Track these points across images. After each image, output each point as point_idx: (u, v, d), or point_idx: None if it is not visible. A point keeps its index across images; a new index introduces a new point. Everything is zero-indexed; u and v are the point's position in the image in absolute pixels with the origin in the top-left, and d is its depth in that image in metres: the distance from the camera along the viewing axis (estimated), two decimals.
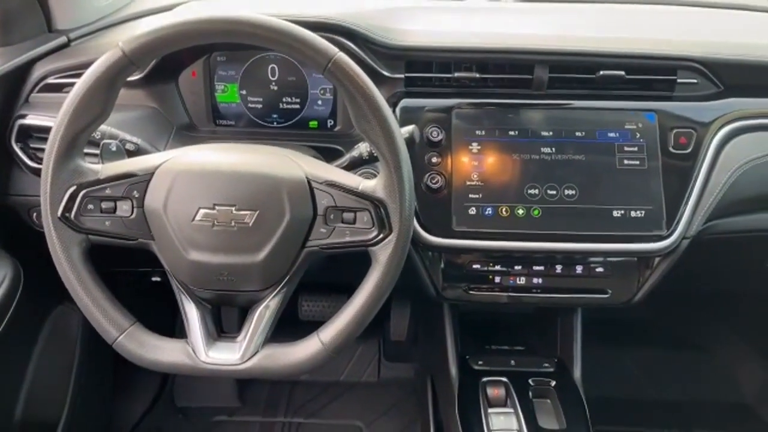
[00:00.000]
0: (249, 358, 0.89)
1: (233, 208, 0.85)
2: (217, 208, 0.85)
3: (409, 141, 0.98)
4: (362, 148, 1.00)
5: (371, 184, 0.88)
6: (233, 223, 0.85)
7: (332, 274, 1.17)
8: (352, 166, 1.01)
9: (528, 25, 1.28)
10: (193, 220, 0.85)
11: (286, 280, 0.91)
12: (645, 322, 1.94)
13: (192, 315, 0.91)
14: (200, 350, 0.89)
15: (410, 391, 1.86)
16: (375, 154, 0.90)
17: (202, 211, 0.85)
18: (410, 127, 0.99)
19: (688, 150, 1.11)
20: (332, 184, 0.88)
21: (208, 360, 0.89)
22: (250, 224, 0.86)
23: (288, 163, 0.89)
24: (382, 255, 0.87)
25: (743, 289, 1.54)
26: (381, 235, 0.87)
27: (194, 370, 0.89)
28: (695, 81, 1.15)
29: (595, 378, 1.77)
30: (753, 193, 1.13)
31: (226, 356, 0.89)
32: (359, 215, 0.88)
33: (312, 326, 0.92)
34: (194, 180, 0.86)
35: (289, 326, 1.15)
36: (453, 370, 1.23)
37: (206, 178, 0.86)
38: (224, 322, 0.98)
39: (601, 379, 1.81)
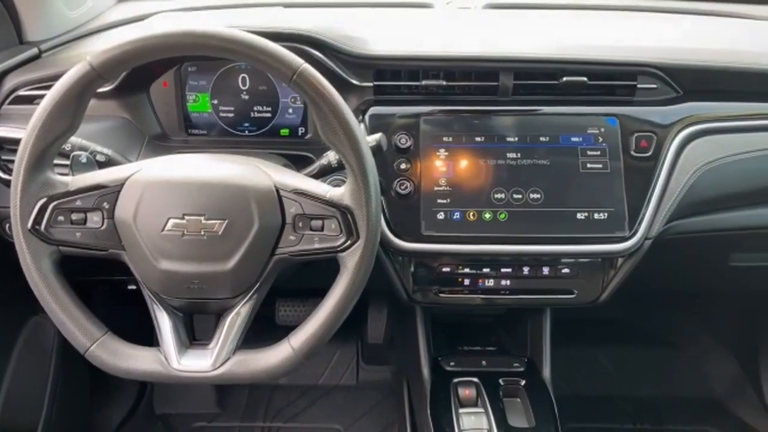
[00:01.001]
0: (221, 365, 0.91)
1: (202, 218, 0.87)
2: (186, 217, 0.87)
3: (377, 149, 1.01)
4: (331, 156, 1.02)
5: (338, 192, 0.90)
6: (203, 232, 0.87)
7: (309, 279, 1.19)
8: (321, 174, 1.03)
9: (494, 33, 1.31)
10: (163, 230, 0.87)
11: (256, 287, 0.92)
12: (617, 320, 1.98)
13: (164, 323, 0.93)
14: (172, 358, 0.91)
15: (388, 394, 1.88)
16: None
17: (171, 221, 0.87)
18: (377, 135, 1.01)
19: (649, 153, 1.14)
20: (300, 192, 0.90)
21: (181, 367, 0.90)
22: (220, 233, 0.87)
23: (256, 172, 0.91)
24: (350, 261, 0.90)
25: (709, 287, 1.58)
26: (349, 242, 0.89)
27: (167, 378, 0.91)
28: (655, 86, 1.18)
29: (568, 376, 1.82)
30: (712, 194, 1.16)
31: (198, 363, 0.91)
32: (327, 222, 0.90)
33: (289, 331, 0.94)
34: (163, 190, 0.88)
35: (266, 331, 1.17)
36: (425, 371, 1.26)
37: (175, 188, 0.88)
38: (199, 329, 1.00)
39: (575, 377, 1.86)
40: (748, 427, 1.82)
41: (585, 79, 1.16)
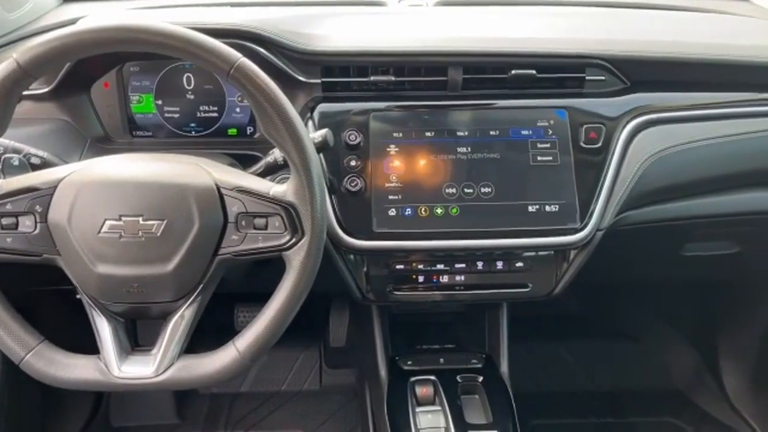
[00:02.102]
0: (164, 371, 0.88)
1: (140, 219, 0.84)
2: (123, 219, 0.84)
3: (323, 144, 0.99)
4: (277, 154, 1.00)
5: (282, 189, 0.88)
6: (141, 234, 0.84)
7: (267, 283, 1.16)
8: (268, 172, 1.01)
9: (444, 28, 1.30)
10: (99, 233, 0.84)
11: (199, 289, 0.89)
12: (577, 315, 1.99)
13: (104, 329, 0.89)
14: (113, 365, 0.87)
15: (352, 398, 1.85)
16: None
17: (108, 223, 0.84)
18: (323, 131, 0.99)
19: (599, 144, 1.14)
20: (242, 190, 0.88)
21: (121, 375, 0.87)
22: (159, 234, 0.84)
23: (196, 171, 0.88)
24: (296, 259, 0.87)
25: (664, 277, 1.60)
26: (293, 239, 0.87)
27: (107, 386, 0.87)
28: (603, 78, 1.18)
29: (530, 373, 1.82)
30: (661, 183, 1.17)
31: (139, 370, 0.88)
32: (271, 220, 0.88)
33: None
34: (99, 191, 0.85)
35: (226, 337, 1.14)
36: (382, 371, 1.24)
37: (111, 189, 0.85)
38: (147, 335, 0.96)
39: (536, 374, 1.86)
40: (708, 416, 1.84)
41: (534, 72, 1.15)
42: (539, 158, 1.13)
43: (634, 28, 1.34)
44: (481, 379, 1.21)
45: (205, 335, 1.06)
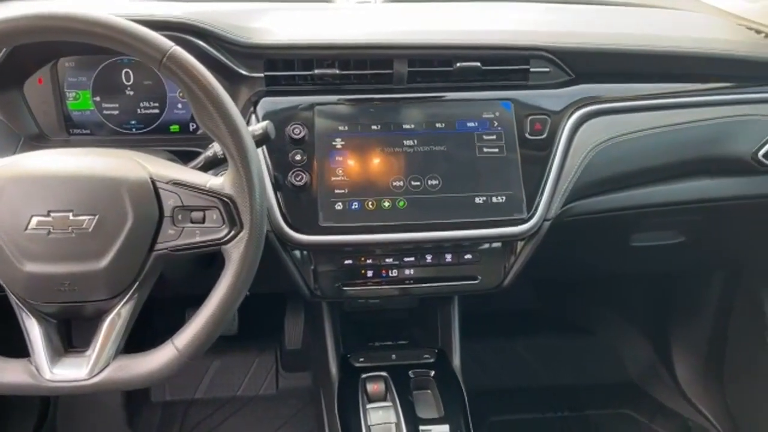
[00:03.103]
0: (98, 372, 0.84)
1: (70, 214, 0.81)
2: (52, 214, 0.80)
3: (264, 137, 0.97)
4: (216, 148, 0.98)
5: (219, 182, 0.86)
6: (71, 230, 0.81)
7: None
8: (208, 167, 0.99)
9: (390, 23, 1.29)
10: (26, 229, 0.80)
11: (136, 286, 0.86)
12: (533, 311, 2.00)
13: (33, 331, 0.85)
14: (44, 368, 0.83)
15: (308, 401, 1.82)
16: None
17: (35, 219, 0.80)
18: (264, 123, 0.97)
19: (544, 135, 1.15)
20: (178, 183, 0.85)
21: (53, 377, 0.83)
22: (90, 230, 0.81)
23: (130, 164, 0.85)
24: (235, 253, 0.85)
25: (614, 269, 1.62)
26: (232, 233, 0.85)
27: (37, 390, 0.83)
28: (547, 70, 1.19)
29: (487, 370, 1.82)
30: (606, 173, 1.18)
31: (72, 372, 0.84)
32: (208, 214, 0.85)
33: None
34: (25, 187, 0.81)
35: None
36: (333, 369, 1.22)
37: (38, 183, 0.81)
38: (83, 336, 0.92)
39: (494, 370, 1.86)
40: (663, 407, 1.87)
41: (478, 64, 1.15)
42: (485, 150, 1.12)
43: (578, 21, 1.35)
44: (433, 373, 1.20)
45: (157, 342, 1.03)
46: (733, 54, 1.24)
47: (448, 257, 1.13)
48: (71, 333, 0.90)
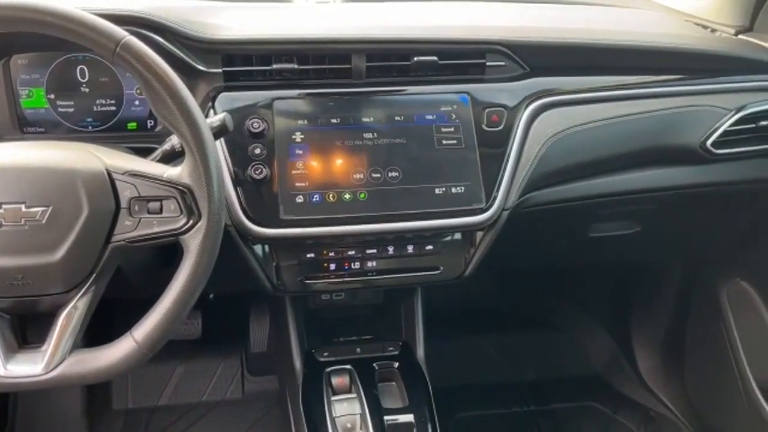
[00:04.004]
0: (54, 367, 0.83)
1: (22, 206, 0.80)
2: (3, 206, 0.79)
3: (222, 128, 0.96)
4: (174, 140, 0.97)
5: (176, 172, 0.85)
6: (23, 222, 0.79)
7: None
8: (166, 161, 0.98)
9: (348, 18, 1.31)
10: None
11: (92, 278, 0.85)
12: (498, 309, 2.02)
13: None
14: None
15: (275, 404, 1.81)
16: None
17: None
18: (221, 115, 0.97)
19: (501, 127, 1.17)
20: (135, 174, 0.85)
21: (6, 374, 0.81)
22: (44, 221, 0.80)
23: (85, 156, 0.85)
24: (193, 243, 0.84)
25: (574, 261, 1.65)
26: (190, 222, 0.84)
27: None
28: (503, 64, 1.21)
29: (453, 367, 1.83)
30: (562, 164, 1.21)
31: (27, 368, 0.82)
32: (166, 204, 0.85)
33: None
34: None
35: None
36: (297, 363, 1.22)
37: None
38: (40, 332, 0.90)
39: (460, 367, 1.87)
40: (625, 398, 1.91)
41: (435, 58, 1.17)
42: (444, 142, 1.14)
43: (533, 18, 1.38)
44: (397, 365, 1.20)
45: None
46: (682, 47, 1.28)
47: (410, 248, 1.14)
48: (26, 328, 0.88)
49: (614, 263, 1.80)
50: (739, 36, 1.43)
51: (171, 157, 0.98)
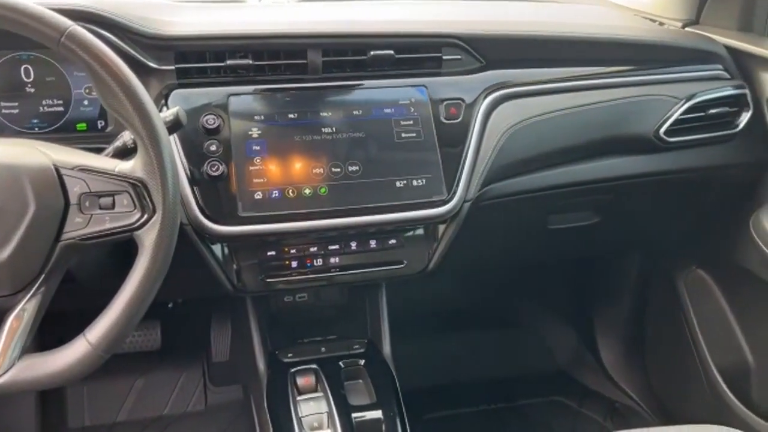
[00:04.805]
0: (3, 373, 0.78)
1: None
2: None
3: (175, 122, 0.94)
4: (126, 137, 0.94)
5: (129, 165, 0.83)
6: None
7: None
8: (118, 157, 0.94)
9: (303, 14, 1.30)
10: None
11: (42, 279, 0.81)
12: (463, 309, 2.02)
13: None
14: None
15: (240, 414, 1.76)
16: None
17: None
18: (174, 109, 0.94)
19: (459, 119, 1.17)
20: (84, 169, 0.81)
21: None
22: None
23: (30, 152, 0.81)
24: (148, 238, 0.82)
25: (535, 254, 1.66)
26: (145, 217, 0.82)
27: None
28: (459, 57, 1.22)
29: (419, 369, 1.81)
30: (521, 155, 1.21)
31: None
32: (118, 199, 0.82)
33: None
34: None
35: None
36: (261, 365, 1.19)
37: None
38: None
39: (426, 369, 1.86)
40: (591, 391, 1.92)
41: (392, 52, 1.17)
42: (403, 135, 1.14)
43: (487, 12, 1.40)
44: (363, 362, 1.19)
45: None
46: (633, 38, 1.32)
47: (373, 243, 1.13)
48: None
49: (574, 256, 1.82)
50: (686, 29, 1.48)
51: (123, 154, 0.94)
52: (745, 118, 1.34)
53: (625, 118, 1.28)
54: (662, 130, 1.28)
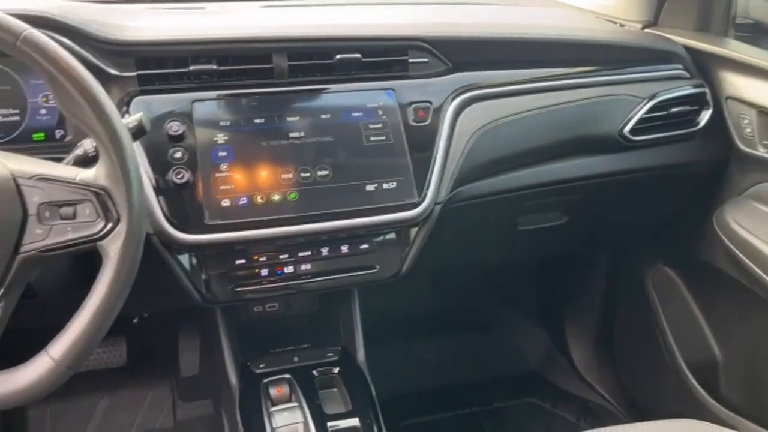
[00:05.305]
0: None
1: None
2: None
3: (139, 128, 0.90)
4: (87, 145, 0.90)
5: (91, 173, 0.80)
6: None
7: None
8: (79, 166, 0.91)
9: (267, 18, 1.28)
10: None
11: (0, 294, 0.78)
12: (434, 315, 2.01)
13: None
14: None
15: (210, 429, 1.72)
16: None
17: None
18: (137, 115, 0.91)
19: (427, 122, 1.16)
20: (43, 178, 0.78)
21: None
22: None
23: None
24: (113, 248, 0.79)
25: (505, 256, 1.66)
26: (109, 226, 0.79)
27: None
28: (426, 60, 1.22)
29: (393, 376, 1.80)
30: (490, 156, 1.22)
31: None
32: (80, 208, 0.79)
33: None
34: None
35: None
36: (232, 378, 1.16)
37: None
38: None
39: (400, 376, 1.85)
40: (564, 392, 1.94)
41: (359, 56, 1.16)
42: (372, 138, 1.13)
43: (453, 15, 1.40)
44: (337, 370, 1.17)
45: None
46: (596, 39, 1.34)
47: (345, 248, 1.11)
48: None
49: (544, 256, 1.83)
50: (646, 30, 1.51)
51: (84, 163, 0.91)
52: (705, 116, 1.37)
53: (591, 118, 1.30)
54: (627, 129, 1.30)
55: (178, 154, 1.03)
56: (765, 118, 1.29)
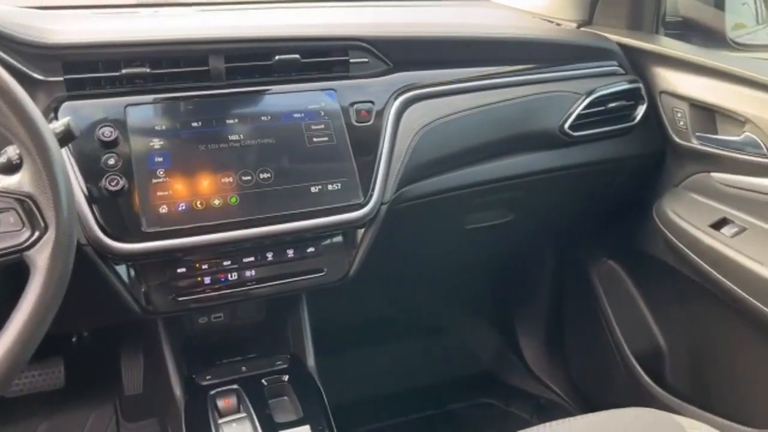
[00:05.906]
0: None
1: None
2: None
3: (67, 133, 0.86)
4: (10, 152, 0.85)
5: (14, 180, 0.75)
6: None
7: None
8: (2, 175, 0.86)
9: (203, 20, 1.25)
10: None
11: None
12: (384, 318, 2.00)
13: None
14: None
15: None
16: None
17: None
18: (64, 119, 0.86)
19: (371, 122, 1.15)
20: None
21: None
22: None
23: None
24: (41, 258, 0.74)
25: (454, 256, 1.66)
26: (36, 235, 0.74)
27: None
28: (366, 60, 1.21)
29: (346, 383, 1.77)
30: (433, 155, 1.21)
31: None
32: (3, 217, 0.74)
33: None
34: None
35: None
36: (177, 391, 1.11)
37: None
38: None
39: (353, 382, 1.82)
40: (517, 390, 1.95)
41: (298, 56, 1.14)
42: (315, 140, 1.11)
43: (393, 15, 1.40)
44: (287, 378, 1.14)
45: None
46: (533, 38, 1.36)
47: (291, 252, 1.09)
48: None
49: (493, 255, 1.84)
50: (581, 29, 1.54)
51: (7, 171, 0.85)
52: (641, 110, 1.40)
53: (532, 115, 1.31)
54: (567, 124, 1.32)
55: (112, 161, 0.99)
56: (697, 111, 1.33)
